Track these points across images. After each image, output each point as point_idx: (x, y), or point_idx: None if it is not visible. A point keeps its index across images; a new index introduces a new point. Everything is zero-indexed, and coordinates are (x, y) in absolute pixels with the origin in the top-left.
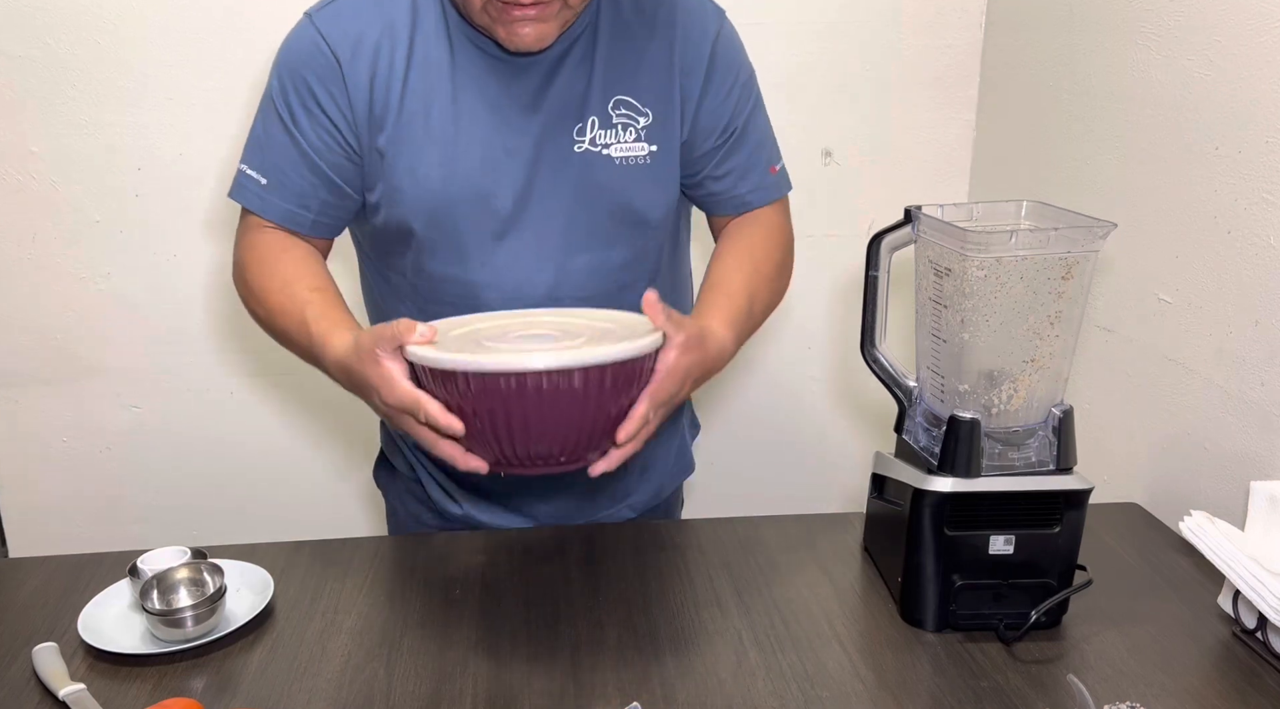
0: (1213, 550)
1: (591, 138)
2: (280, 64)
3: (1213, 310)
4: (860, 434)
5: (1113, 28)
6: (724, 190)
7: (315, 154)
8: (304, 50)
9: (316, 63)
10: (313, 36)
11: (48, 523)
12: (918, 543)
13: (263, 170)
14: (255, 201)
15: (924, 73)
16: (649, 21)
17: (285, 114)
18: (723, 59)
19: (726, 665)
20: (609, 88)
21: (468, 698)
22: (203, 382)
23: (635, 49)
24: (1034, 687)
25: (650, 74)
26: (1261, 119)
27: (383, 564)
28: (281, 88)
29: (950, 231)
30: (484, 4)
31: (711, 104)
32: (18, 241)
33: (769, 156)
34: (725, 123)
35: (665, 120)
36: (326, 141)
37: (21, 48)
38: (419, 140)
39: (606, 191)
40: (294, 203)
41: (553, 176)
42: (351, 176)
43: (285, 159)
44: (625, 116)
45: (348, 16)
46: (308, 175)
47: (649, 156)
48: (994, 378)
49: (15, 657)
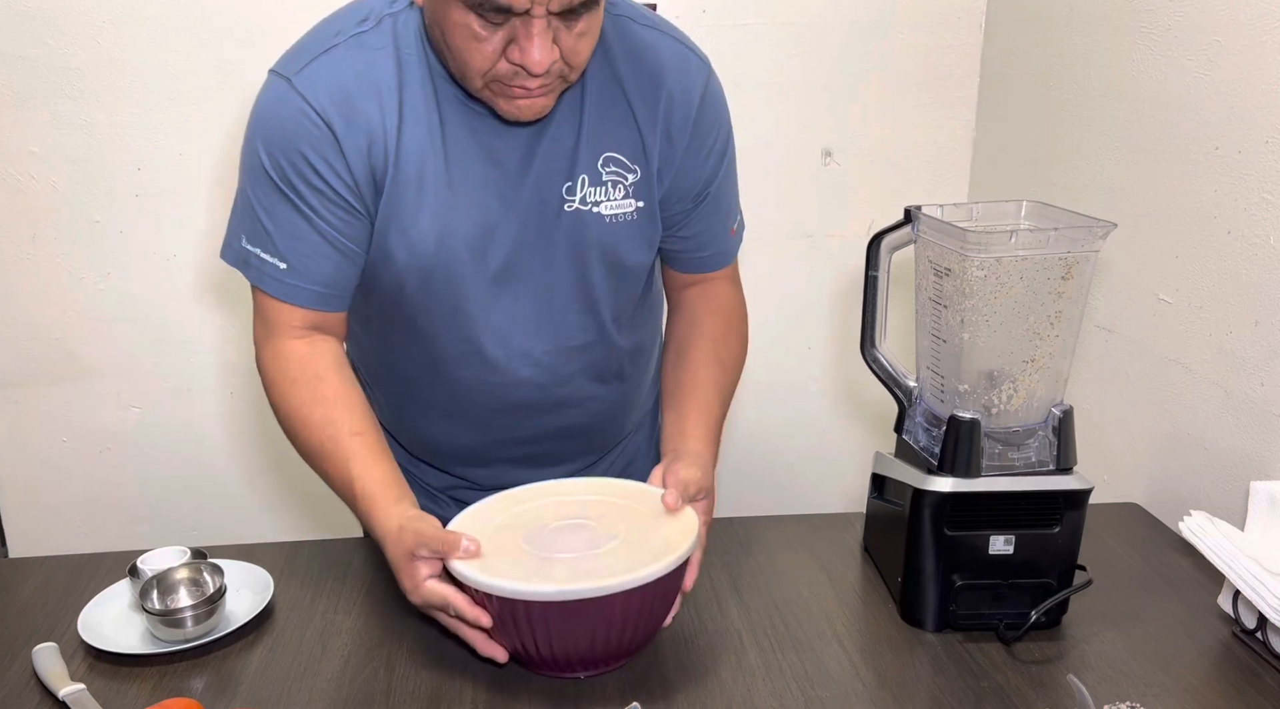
0: (1213, 550)
1: (582, 196)
2: (265, 135)
3: (1213, 310)
4: (860, 434)
5: (1112, 28)
6: (685, 250)
7: (336, 233)
8: (291, 121)
9: (308, 133)
10: (298, 105)
11: (48, 523)
12: (918, 543)
13: (279, 254)
14: (277, 288)
15: (924, 73)
16: (636, 74)
17: (291, 193)
18: (706, 119)
19: (726, 665)
20: (598, 144)
21: (468, 698)
22: (203, 382)
23: (622, 103)
24: (1034, 687)
25: (637, 130)
26: (1261, 119)
27: (383, 564)
28: (274, 163)
29: (950, 231)
30: (486, 83)
31: (690, 165)
32: (18, 241)
33: (729, 218)
34: (701, 186)
35: (649, 176)
36: (339, 215)
37: (21, 48)
38: (413, 203)
39: (596, 248)
40: (318, 284)
41: (544, 235)
42: (365, 241)
43: (302, 240)
44: (615, 174)
45: (332, 76)
46: (333, 255)
47: (636, 212)
48: (994, 378)
49: (15, 657)
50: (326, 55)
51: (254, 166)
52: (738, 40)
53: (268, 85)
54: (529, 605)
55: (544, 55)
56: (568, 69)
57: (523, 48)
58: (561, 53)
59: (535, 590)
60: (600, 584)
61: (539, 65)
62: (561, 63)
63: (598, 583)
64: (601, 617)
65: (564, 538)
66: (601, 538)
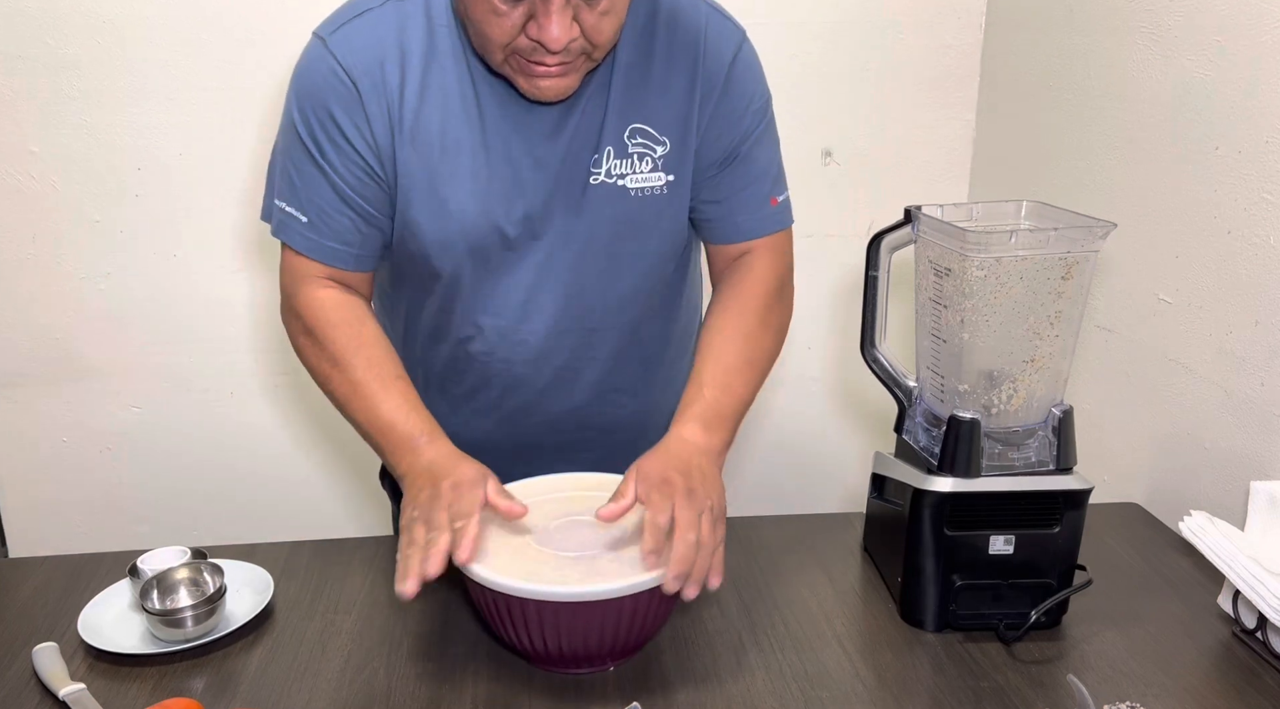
0: (1213, 550)
1: (607, 169)
2: (299, 92)
3: (1213, 310)
4: (860, 434)
5: (1113, 28)
6: (718, 217)
7: (350, 189)
8: (322, 78)
9: (336, 91)
10: (329, 63)
11: (48, 523)
12: (918, 543)
13: (302, 207)
14: (300, 241)
15: (924, 73)
16: (668, 42)
17: (314, 149)
18: (737, 83)
19: (726, 665)
20: (625, 116)
21: (468, 698)
22: (203, 382)
23: (654, 74)
24: (1034, 687)
25: (669, 100)
26: (1261, 119)
27: (383, 564)
28: (304, 119)
29: (950, 231)
30: (505, 57)
31: (718, 127)
32: (18, 242)
33: (771, 188)
34: (729, 148)
35: (683, 147)
36: (357, 175)
37: (21, 48)
38: (434, 171)
39: (621, 224)
40: (337, 241)
41: (569, 208)
42: (384, 206)
43: (321, 196)
44: (641, 146)
45: (362, 39)
46: (347, 211)
47: (666, 186)
48: (994, 378)
49: (15, 657)
50: (362, 18)
51: (288, 123)
52: None
53: (308, 46)
54: (524, 603)
55: (562, 33)
56: (590, 47)
57: (541, 24)
58: (583, 30)
59: (531, 589)
60: (593, 587)
61: (556, 43)
62: (583, 40)
63: (591, 586)
64: (596, 617)
65: (572, 535)
66: (609, 537)
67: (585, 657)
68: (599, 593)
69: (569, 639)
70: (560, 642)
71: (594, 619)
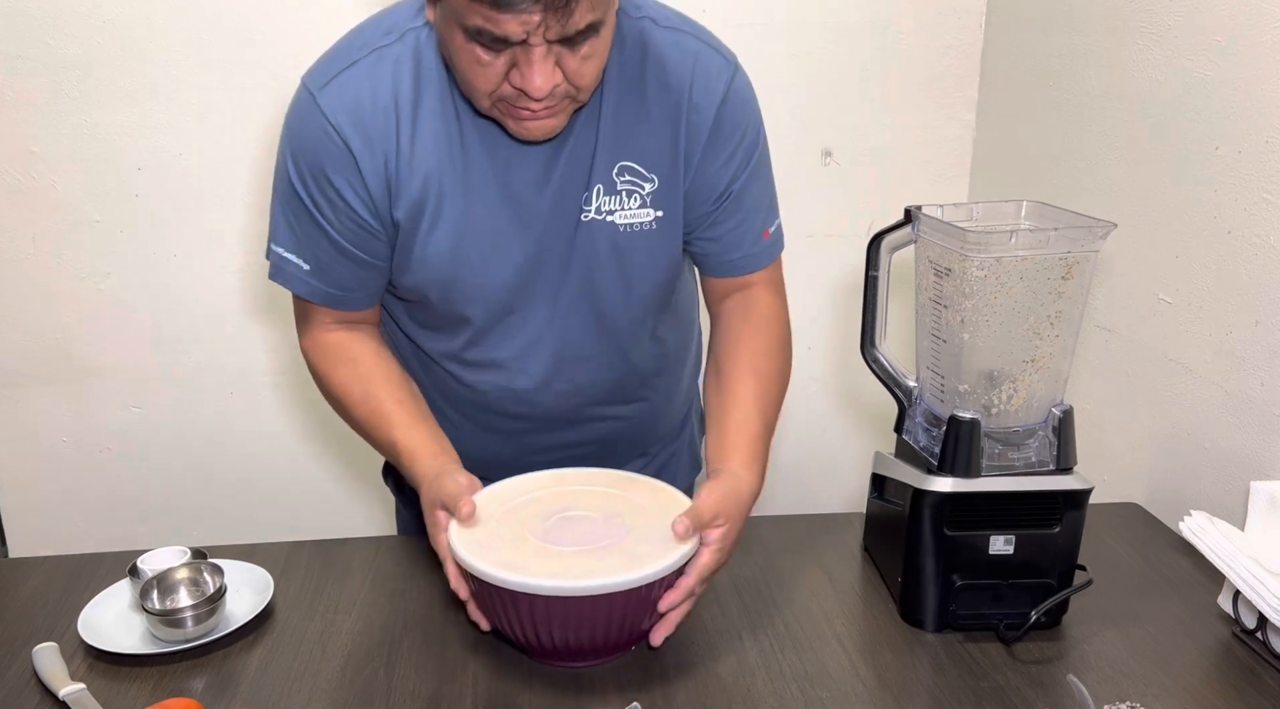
0: (1213, 550)
1: (598, 206)
2: (293, 148)
3: (1213, 310)
4: (860, 434)
5: (1112, 28)
6: (714, 253)
7: (347, 242)
8: (315, 137)
9: (330, 152)
10: (320, 123)
11: (48, 523)
12: (918, 543)
13: (302, 256)
14: (303, 288)
15: (924, 73)
16: (657, 77)
17: (310, 205)
18: (729, 120)
19: (726, 665)
20: (614, 153)
21: (468, 698)
22: (203, 381)
23: (642, 112)
24: (1034, 687)
25: (656, 138)
26: (1261, 119)
27: (383, 564)
28: (300, 175)
29: (950, 231)
30: (492, 103)
31: (710, 168)
32: (18, 242)
33: (764, 220)
34: (722, 188)
35: (671, 183)
36: (354, 230)
37: (21, 48)
38: (426, 216)
39: (612, 259)
40: (339, 288)
41: (560, 246)
42: (383, 253)
43: (320, 249)
44: (630, 182)
45: (352, 94)
46: (345, 262)
47: (655, 222)
48: (994, 378)
49: (15, 657)
50: (349, 72)
51: (284, 174)
52: (737, 40)
53: (297, 97)
54: (515, 595)
55: (545, 81)
56: (574, 90)
57: (524, 74)
58: (566, 75)
59: (516, 580)
60: (575, 583)
61: (539, 91)
62: (567, 84)
63: (572, 582)
64: (582, 613)
65: (571, 529)
66: (607, 537)
67: (585, 650)
68: (597, 587)
69: (567, 633)
70: (557, 635)
71: (593, 613)
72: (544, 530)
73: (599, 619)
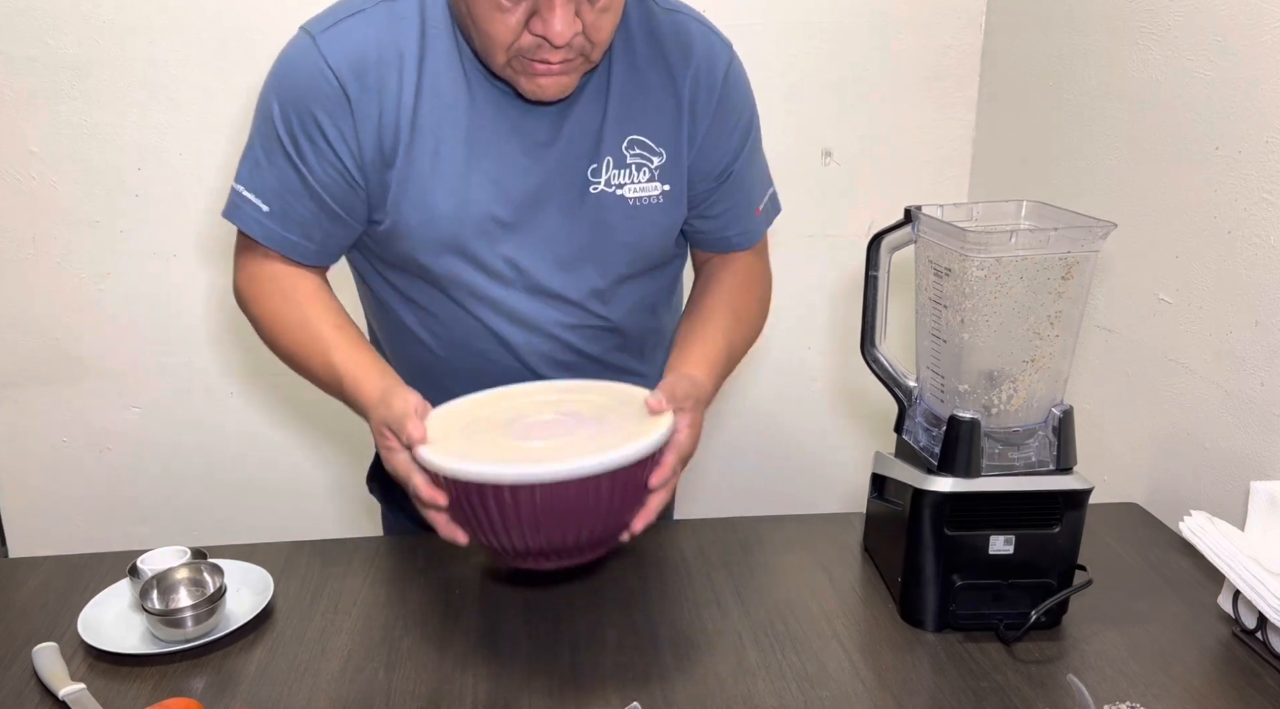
0: (1213, 550)
1: (607, 179)
2: (281, 88)
3: (1213, 310)
4: (860, 434)
5: (1112, 28)
6: (710, 230)
7: (321, 188)
8: (308, 77)
9: (322, 93)
10: (317, 63)
11: (48, 523)
12: (918, 543)
13: (264, 196)
14: (256, 228)
15: (924, 73)
16: (662, 55)
17: (290, 145)
18: (730, 100)
19: (726, 665)
20: (623, 126)
21: (468, 698)
22: (203, 382)
23: (648, 85)
24: (1034, 687)
25: (662, 112)
26: (1261, 119)
27: (383, 564)
28: (284, 115)
29: (950, 231)
30: (508, 59)
31: (711, 146)
32: (18, 242)
33: (758, 196)
34: (722, 166)
35: (676, 159)
36: (333, 176)
37: (21, 48)
38: (428, 176)
39: (619, 232)
40: (297, 234)
41: (565, 215)
42: (356, 208)
43: (289, 190)
44: (639, 156)
45: (354, 41)
46: (313, 207)
47: (662, 196)
48: (994, 378)
49: (15, 657)
50: (354, 18)
51: (265, 116)
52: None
53: (293, 40)
54: (501, 489)
55: (566, 27)
56: (589, 45)
57: (545, 19)
58: (584, 27)
59: (485, 471)
60: (553, 467)
61: (561, 37)
62: (583, 38)
63: (551, 466)
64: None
65: (540, 429)
66: (577, 429)
67: (571, 547)
68: (593, 467)
69: (556, 528)
70: (545, 531)
71: (584, 498)
72: (514, 433)
73: (588, 505)
